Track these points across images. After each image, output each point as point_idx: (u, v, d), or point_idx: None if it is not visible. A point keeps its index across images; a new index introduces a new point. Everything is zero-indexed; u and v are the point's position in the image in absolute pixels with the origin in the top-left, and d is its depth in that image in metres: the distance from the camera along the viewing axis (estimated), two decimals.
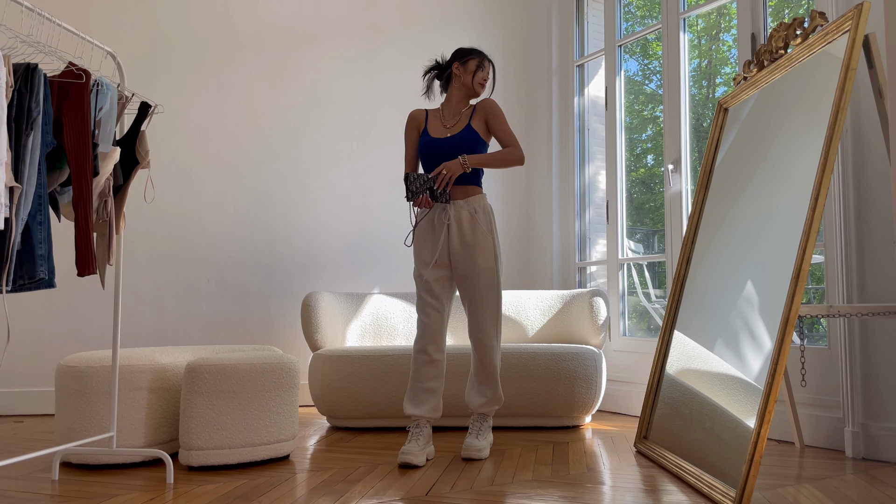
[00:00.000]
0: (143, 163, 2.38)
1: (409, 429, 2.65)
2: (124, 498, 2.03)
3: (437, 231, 2.68)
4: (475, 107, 2.77)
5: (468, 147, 2.68)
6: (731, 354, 2.33)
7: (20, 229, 1.84)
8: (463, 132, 2.70)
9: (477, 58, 2.78)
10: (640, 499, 2.05)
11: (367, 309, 3.69)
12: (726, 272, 2.57)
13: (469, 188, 2.69)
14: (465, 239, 2.66)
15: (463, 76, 2.76)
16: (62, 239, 3.44)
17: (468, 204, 2.68)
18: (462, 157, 2.61)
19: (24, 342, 3.67)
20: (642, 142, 4.23)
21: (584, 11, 4.32)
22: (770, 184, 2.47)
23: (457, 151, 2.66)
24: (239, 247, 4.02)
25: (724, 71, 3.77)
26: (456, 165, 2.60)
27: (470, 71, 2.76)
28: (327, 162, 4.20)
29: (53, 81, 2.05)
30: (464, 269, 2.66)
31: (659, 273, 3.94)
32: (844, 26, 2.24)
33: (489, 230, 2.68)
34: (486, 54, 2.81)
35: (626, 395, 3.69)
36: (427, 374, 2.63)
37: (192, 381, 2.39)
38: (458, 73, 2.77)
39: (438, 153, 2.69)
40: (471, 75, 2.76)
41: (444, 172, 2.58)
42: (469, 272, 2.65)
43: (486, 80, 2.79)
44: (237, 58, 4.09)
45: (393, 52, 4.35)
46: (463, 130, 2.71)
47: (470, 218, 2.67)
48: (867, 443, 2.57)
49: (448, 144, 2.69)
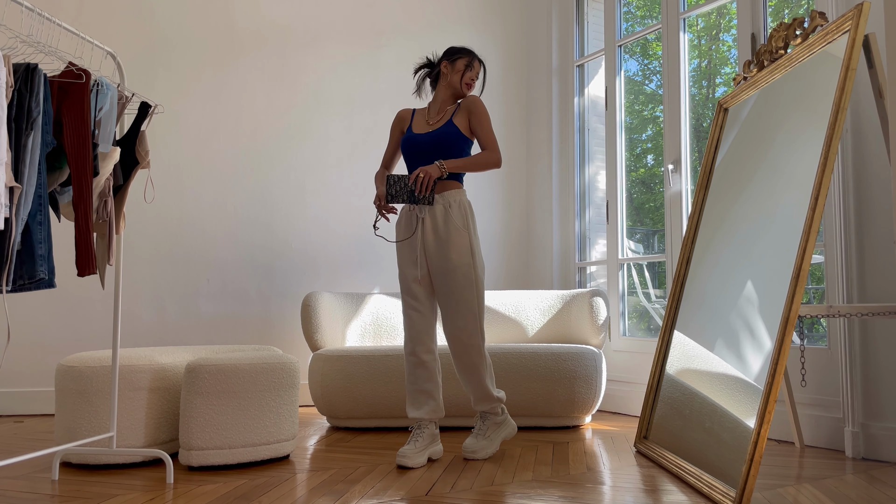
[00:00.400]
0: (143, 163, 2.38)
1: (411, 429, 2.65)
2: (124, 498, 2.03)
3: (413, 230, 2.67)
4: (460, 103, 2.74)
5: (448, 142, 2.64)
6: (731, 354, 2.33)
7: (20, 229, 1.84)
8: (444, 127, 2.67)
9: (466, 57, 2.76)
10: (640, 499, 2.05)
11: (367, 309, 3.69)
12: (726, 272, 2.57)
13: (446, 182, 2.65)
14: (439, 234, 2.61)
15: (451, 75, 2.74)
16: (62, 239, 3.44)
17: (443, 198, 2.63)
18: (440, 162, 2.58)
19: (24, 342, 3.67)
20: (642, 142, 4.23)
21: (584, 11, 4.32)
22: (770, 184, 2.47)
23: (436, 146, 2.64)
24: (239, 247, 4.02)
25: (724, 71, 3.77)
26: (434, 169, 2.55)
27: (458, 70, 2.74)
28: (327, 162, 4.20)
29: (53, 81, 2.05)
30: (437, 265, 2.62)
31: (659, 273, 3.94)
32: (844, 26, 2.24)
33: (464, 225, 2.62)
34: (476, 54, 2.79)
35: (626, 395, 3.69)
36: (420, 377, 2.62)
37: (192, 381, 2.39)
38: (445, 72, 2.75)
39: (419, 148, 2.67)
40: (459, 74, 2.74)
41: (421, 176, 2.54)
42: (442, 268, 2.60)
43: (473, 80, 2.76)
44: (237, 58, 4.09)
45: (393, 52, 4.35)
46: (444, 125, 2.68)
47: (444, 212, 2.62)
48: (867, 443, 2.57)
49: (428, 139, 2.66)
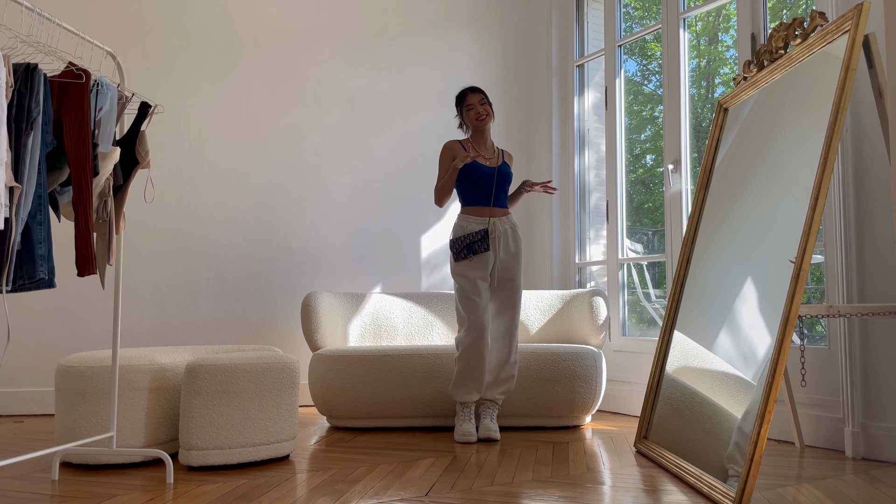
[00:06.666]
0: (143, 163, 2.38)
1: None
2: (124, 498, 2.03)
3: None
4: (505, 152, 3.23)
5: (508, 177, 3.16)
6: (731, 354, 2.33)
7: (20, 229, 1.84)
8: (503, 166, 3.14)
9: (463, 99, 3.13)
10: (640, 499, 2.05)
11: (367, 309, 3.69)
12: (726, 272, 2.57)
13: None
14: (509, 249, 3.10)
15: (465, 119, 3.15)
16: (62, 239, 3.43)
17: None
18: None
19: (24, 342, 3.66)
20: (641, 142, 4.23)
21: (584, 12, 4.32)
22: (770, 184, 2.47)
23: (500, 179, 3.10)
24: (239, 247, 4.02)
25: (724, 71, 3.77)
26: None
27: (466, 113, 3.12)
28: (327, 162, 4.20)
29: (53, 81, 2.05)
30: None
31: (659, 273, 3.94)
32: (844, 26, 2.24)
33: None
34: (467, 89, 3.13)
35: (626, 395, 3.69)
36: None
37: (192, 381, 2.39)
38: (461, 119, 3.17)
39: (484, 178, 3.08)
40: (466, 116, 3.12)
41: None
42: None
43: (478, 113, 3.08)
44: (237, 58, 4.09)
45: (393, 52, 4.35)
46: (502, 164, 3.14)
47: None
48: (867, 443, 2.57)
49: (492, 172, 3.10)
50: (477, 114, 3.07)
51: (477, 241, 2.98)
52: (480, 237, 2.98)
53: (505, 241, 3.03)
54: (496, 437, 2.92)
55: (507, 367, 3.03)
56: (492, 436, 2.91)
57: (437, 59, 4.42)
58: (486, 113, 3.08)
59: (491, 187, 3.04)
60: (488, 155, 3.11)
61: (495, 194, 3.06)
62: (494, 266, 3.02)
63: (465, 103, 3.10)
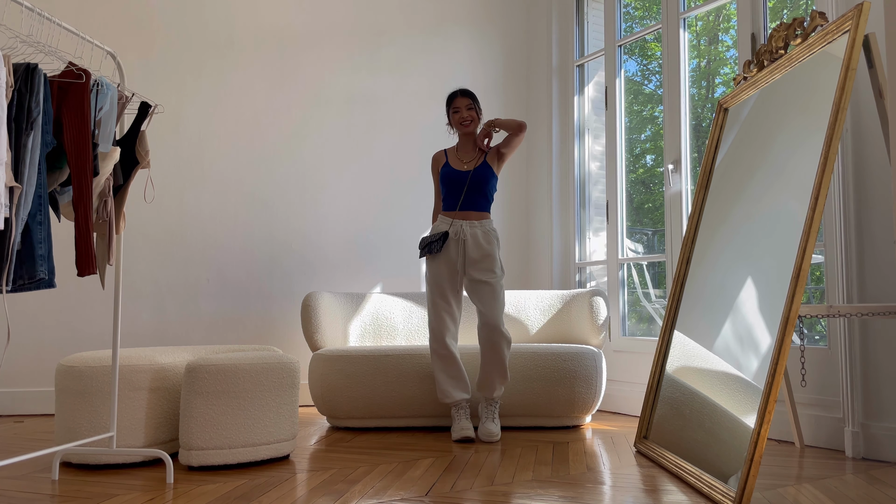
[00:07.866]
0: (143, 163, 2.38)
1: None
2: (124, 498, 2.03)
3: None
4: (492, 150, 3.18)
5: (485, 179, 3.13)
6: (731, 354, 2.33)
7: (20, 229, 1.84)
8: (479, 169, 3.12)
9: (452, 101, 3.15)
10: (640, 499, 2.05)
11: (367, 309, 3.69)
12: (726, 272, 2.57)
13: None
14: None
15: (451, 122, 3.17)
16: (62, 239, 3.43)
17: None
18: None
19: (24, 342, 3.66)
20: (641, 142, 4.23)
21: (584, 11, 4.32)
22: (770, 184, 2.47)
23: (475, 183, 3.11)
24: (239, 247, 4.01)
25: (724, 71, 3.77)
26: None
27: (452, 115, 3.15)
28: (327, 162, 4.20)
29: (53, 81, 2.05)
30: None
31: (659, 273, 3.94)
32: (844, 26, 2.24)
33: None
34: (457, 91, 3.14)
35: (626, 395, 3.69)
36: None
37: (192, 381, 2.39)
38: (448, 120, 3.19)
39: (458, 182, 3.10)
40: (452, 118, 3.15)
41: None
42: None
43: (462, 118, 3.11)
44: (237, 58, 4.09)
45: (393, 53, 4.35)
46: (480, 166, 3.12)
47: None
48: (867, 443, 2.57)
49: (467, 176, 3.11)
50: (461, 118, 3.12)
51: (435, 241, 3.04)
52: (438, 238, 3.03)
53: (475, 242, 3.04)
54: (495, 439, 2.92)
55: (494, 363, 2.96)
56: (492, 438, 2.91)
57: (437, 60, 4.42)
58: (470, 119, 3.12)
59: (462, 191, 3.08)
60: (467, 159, 3.14)
61: (467, 198, 3.08)
62: (462, 269, 3.05)
63: (452, 105, 3.14)
